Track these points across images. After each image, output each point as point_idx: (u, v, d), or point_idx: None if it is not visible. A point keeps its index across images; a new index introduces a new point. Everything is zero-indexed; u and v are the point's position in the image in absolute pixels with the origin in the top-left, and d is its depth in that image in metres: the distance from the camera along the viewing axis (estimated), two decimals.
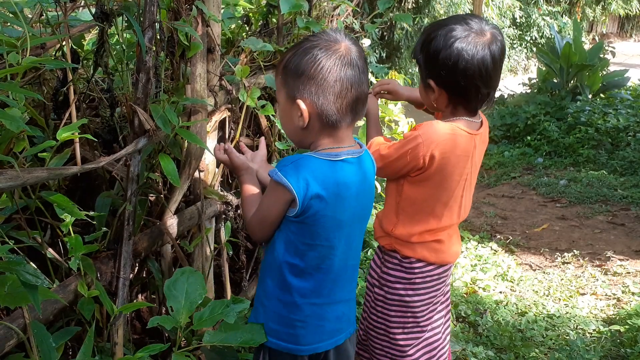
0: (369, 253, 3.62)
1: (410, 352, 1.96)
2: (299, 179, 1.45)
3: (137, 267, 2.07)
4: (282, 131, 2.25)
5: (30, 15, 1.93)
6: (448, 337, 2.09)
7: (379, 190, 4.33)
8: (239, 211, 2.41)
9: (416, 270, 1.90)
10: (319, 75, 1.45)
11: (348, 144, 1.55)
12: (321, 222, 1.50)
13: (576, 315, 3.27)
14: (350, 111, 1.51)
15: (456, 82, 1.75)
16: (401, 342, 1.95)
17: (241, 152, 1.78)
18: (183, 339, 1.73)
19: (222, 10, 2.13)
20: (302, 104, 1.48)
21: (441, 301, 2.02)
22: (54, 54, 1.84)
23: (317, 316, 1.60)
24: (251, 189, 1.67)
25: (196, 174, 2.09)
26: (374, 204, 4.04)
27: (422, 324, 1.96)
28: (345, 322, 1.68)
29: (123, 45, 2.01)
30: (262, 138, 1.89)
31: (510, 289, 3.66)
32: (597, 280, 3.80)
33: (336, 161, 1.50)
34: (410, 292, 1.92)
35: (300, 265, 1.55)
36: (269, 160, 2.50)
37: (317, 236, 1.52)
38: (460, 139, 1.79)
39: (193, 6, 1.88)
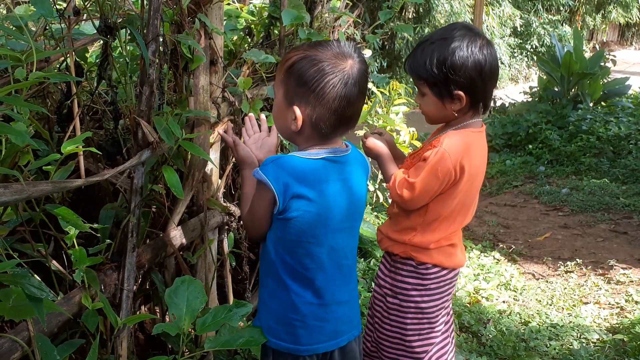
0: (371, 263, 3.61)
1: (426, 359, 1.98)
2: (278, 177, 1.50)
3: (140, 279, 2.07)
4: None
5: (34, 29, 1.95)
6: (454, 341, 2.10)
7: (381, 200, 4.34)
8: (241, 222, 2.42)
9: (432, 276, 1.92)
10: (321, 91, 1.49)
11: (335, 145, 1.60)
12: (305, 218, 1.54)
13: (579, 325, 3.26)
14: (343, 126, 1.57)
15: (484, 85, 1.82)
16: (417, 349, 1.97)
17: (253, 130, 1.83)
18: (186, 349, 1.74)
19: (224, 23, 2.15)
20: (297, 110, 1.53)
21: (449, 304, 2.06)
22: (57, 67, 1.85)
23: (315, 316, 1.63)
24: (250, 188, 1.68)
25: (199, 185, 2.09)
26: (375, 213, 4.03)
27: (436, 328, 1.99)
28: (347, 324, 1.71)
29: (126, 58, 2.02)
30: (274, 126, 1.89)
31: (514, 299, 3.65)
32: (600, 289, 3.79)
33: (317, 159, 1.55)
34: (425, 298, 1.94)
35: (290, 263, 1.59)
36: None
37: (303, 233, 1.56)
38: (477, 139, 1.87)
39: (196, 19, 1.89)
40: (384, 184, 1.86)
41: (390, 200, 2.02)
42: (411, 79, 1.95)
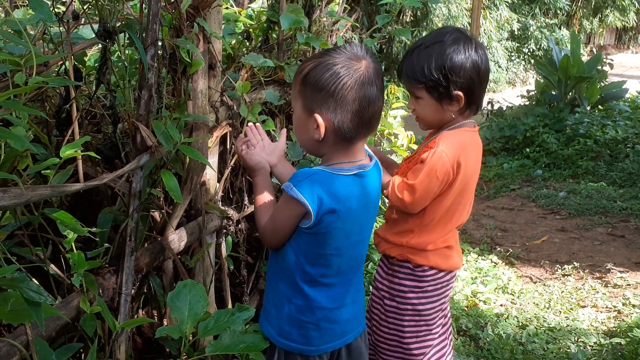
0: (369, 267, 3.61)
1: None
2: (314, 194, 1.51)
3: (138, 283, 2.07)
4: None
5: (32, 33, 1.95)
6: (452, 343, 2.11)
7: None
8: (239, 226, 2.42)
9: (428, 278, 1.94)
10: (339, 94, 1.49)
11: (360, 157, 1.61)
12: (333, 233, 1.57)
13: (577, 328, 3.26)
14: (365, 127, 1.57)
15: (480, 85, 1.85)
16: (415, 352, 1.98)
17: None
18: (185, 354, 1.74)
19: (222, 27, 2.15)
20: (319, 118, 1.53)
21: (446, 307, 2.07)
22: (56, 70, 1.85)
23: (328, 319, 1.66)
24: (264, 195, 1.70)
25: (197, 189, 2.09)
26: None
27: (433, 330, 2.01)
28: (354, 323, 1.74)
29: (125, 62, 2.02)
30: (284, 130, 1.89)
31: (511, 302, 3.66)
32: (598, 292, 3.80)
33: (348, 175, 1.56)
34: (423, 301, 1.95)
35: (311, 272, 1.61)
36: None
37: (328, 246, 1.59)
38: (472, 139, 1.90)
39: (194, 23, 1.90)
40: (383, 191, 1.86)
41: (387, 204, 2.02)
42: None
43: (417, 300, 1.95)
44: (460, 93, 1.82)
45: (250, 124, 1.88)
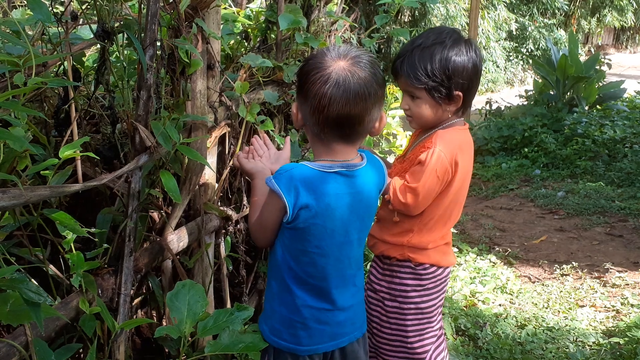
0: (368, 266, 3.61)
1: (427, 358, 2.01)
2: (291, 188, 1.53)
3: (137, 283, 2.07)
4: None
5: (31, 33, 1.95)
6: (445, 337, 2.13)
7: None
8: (238, 226, 2.42)
9: (429, 276, 1.96)
10: (304, 87, 1.54)
11: (344, 157, 1.60)
12: (311, 229, 1.57)
13: (575, 328, 3.27)
14: (333, 129, 1.54)
15: (477, 84, 1.88)
16: (418, 350, 1.99)
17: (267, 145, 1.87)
18: (183, 354, 1.74)
19: (221, 27, 2.15)
20: (293, 107, 1.62)
21: (442, 302, 2.08)
22: (55, 71, 1.86)
23: (316, 320, 1.66)
24: (260, 197, 1.71)
25: (196, 189, 2.10)
26: None
27: (435, 327, 2.03)
28: (350, 327, 1.73)
29: (124, 62, 2.02)
30: (288, 137, 1.91)
31: (510, 302, 3.66)
32: (596, 292, 3.80)
33: (329, 172, 1.56)
34: (425, 298, 1.97)
35: (296, 270, 1.63)
36: None
37: (308, 243, 1.59)
38: (465, 136, 1.92)
39: (193, 24, 1.90)
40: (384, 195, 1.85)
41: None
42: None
43: (420, 299, 1.96)
44: (460, 93, 1.83)
45: (255, 135, 1.90)
